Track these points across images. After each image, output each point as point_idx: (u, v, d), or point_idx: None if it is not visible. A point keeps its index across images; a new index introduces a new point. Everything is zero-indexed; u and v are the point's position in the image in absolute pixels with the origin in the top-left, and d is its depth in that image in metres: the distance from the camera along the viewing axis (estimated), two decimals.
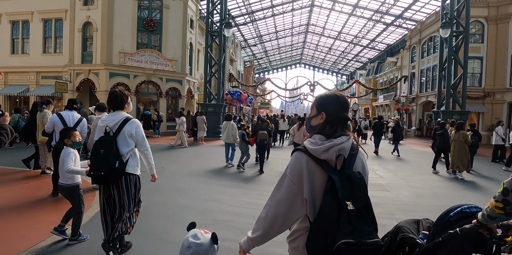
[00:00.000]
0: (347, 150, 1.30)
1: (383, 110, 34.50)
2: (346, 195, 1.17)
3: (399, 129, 13.21)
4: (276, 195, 1.33)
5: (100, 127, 2.95)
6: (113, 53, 16.82)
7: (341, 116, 1.38)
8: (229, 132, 8.46)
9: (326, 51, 49.22)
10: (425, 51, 25.59)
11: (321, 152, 1.26)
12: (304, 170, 1.27)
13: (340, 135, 1.33)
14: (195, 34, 21.53)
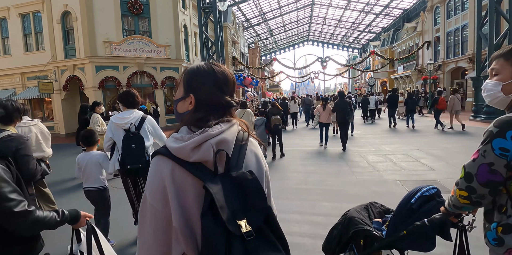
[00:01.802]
0: (230, 143, 0.92)
1: (404, 82, 31.57)
2: (235, 211, 0.80)
3: (411, 101, 13.01)
4: (142, 232, 0.91)
5: (117, 124, 3.14)
6: (97, 44, 14.93)
7: (218, 100, 0.96)
8: (248, 120, 7.75)
9: (335, 24, 45.69)
10: (451, 10, 22.42)
11: (190, 151, 0.86)
12: (168, 184, 0.87)
13: (217, 123, 0.93)
14: (189, 15, 19.29)
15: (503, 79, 1.16)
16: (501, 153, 1.04)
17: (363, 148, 8.88)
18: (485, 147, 1.08)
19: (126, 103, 3.29)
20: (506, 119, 1.08)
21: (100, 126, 5.96)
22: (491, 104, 1.24)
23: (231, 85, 1.02)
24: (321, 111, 9.38)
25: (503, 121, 1.08)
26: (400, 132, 11.96)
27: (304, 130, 14.67)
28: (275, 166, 7.17)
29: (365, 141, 10.11)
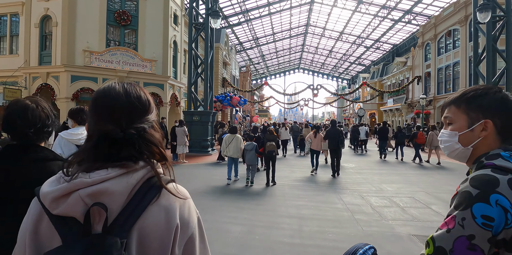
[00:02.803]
0: (117, 195, 0.72)
1: (393, 115, 31.46)
2: None
3: (401, 135, 13.41)
4: None
5: (69, 140, 2.78)
6: (76, 52, 13.77)
7: (99, 130, 0.77)
8: (237, 146, 7.76)
9: (327, 54, 46.56)
10: (443, 48, 22.71)
11: (51, 201, 0.71)
12: (29, 237, 0.73)
13: (101, 167, 0.74)
14: (180, 32, 18.59)
15: (458, 128, 0.99)
16: (484, 222, 0.80)
17: (362, 186, 7.76)
18: (464, 214, 0.83)
19: (79, 120, 3.04)
20: (486, 178, 0.85)
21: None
22: (450, 157, 1.06)
23: (116, 110, 0.77)
24: (312, 139, 9.68)
25: (483, 180, 0.85)
26: (395, 166, 11.33)
27: (293, 158, 13.58)
28: (263, 204, 5.91)
29: (362, 177, 9.02)
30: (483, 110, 0.96)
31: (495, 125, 0.94)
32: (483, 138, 0.96)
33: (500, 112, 0.95)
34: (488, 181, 0.85)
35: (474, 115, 0.97)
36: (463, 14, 19.49)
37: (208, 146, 14.03)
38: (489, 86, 1.01)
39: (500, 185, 0.83)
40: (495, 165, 0.88)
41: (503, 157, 0.89)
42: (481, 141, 0.96)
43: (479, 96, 0.97)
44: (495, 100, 0.96)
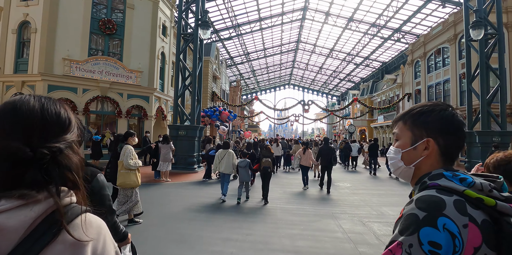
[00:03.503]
0: (10, 232, 0.61)
1: (384, 132, 31.25)
2: None
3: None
4: None
5: None
6: (54, 60, 12.96)
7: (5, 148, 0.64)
8: (229, 162, 7.68)
9: (317, 70, 46.89)
10: (432, 65, 22.83)
11: None
12: None
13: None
14: (169, 43, 18.07)
15: (402, 145, 0.95)
16: (431, 250, 0.74)
17: (361, 210, 7.01)
18: (410, 240, 0.76)
19: None
20: (432, 199, 0.79)
21: (133, 159, 5.06)
22: (396, 175, 1.07)
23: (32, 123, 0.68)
24: (301, 155, 10.03)
25: (430, 202, 0.79)
26: (392, 186, 10.67)
27: (284, 175, 12.81)
28: (253, 233, 5.07)
29: (360, 199, 8.28)
30: (427, 128, 0.91)
31: (438, 145, 0.89)
32: (426, 158, 0.91)
33: (443, 131, 0.89)
34: (435, 203, 0.78)
35: (418, 133, 0.92)
36: (452, 32, 19.69)
37: (194, 162, 13.14)
38: (438, 102, 0.95)
39: (447, 207, 0.77)
40: (440, 186, 0.83)
41: (446, 177, 0.84)
42: (424, 161, 0.91)
43: (424, 113, 0.92)
44: (440, 118, 0.90)
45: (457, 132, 0.90)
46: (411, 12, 24.66)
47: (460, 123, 0.91)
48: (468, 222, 0.76)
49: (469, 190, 0.80)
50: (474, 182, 0.81)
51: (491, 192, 0.80)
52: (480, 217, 0.77)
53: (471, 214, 0.77)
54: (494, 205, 0.77)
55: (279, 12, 28.38)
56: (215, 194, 8.17)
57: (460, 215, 0.76)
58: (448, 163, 0.91)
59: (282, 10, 28.13)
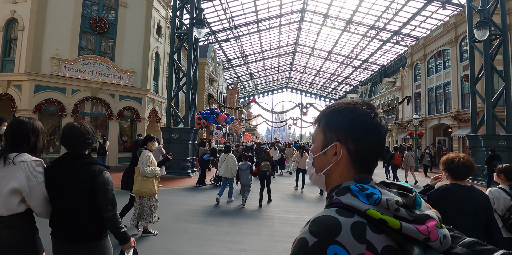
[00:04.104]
0: None
1: None
2: None
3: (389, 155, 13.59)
4: None
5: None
6: (42, 59, 12.38)
7: None
8: (228, 166, 7.72)
9: (315, 73, 46.57)
10: (433, 68, 22.47)
11: None
12: None
13: None
14: (164, 44, 17.56)
15: (313, 149, 0.85)
16: None
17: None
18: None
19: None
20: (328, 221, 0.67)
21: (150, 166, 4.75)
22: (312, 183, 0.92)
23: None
24: (299, 158, 10.46)
25: (324, 226, 0.67)
26: None
27: (279, 178, 12.26)
28: (246, 249, 4.50)
29: None
30: (337, 130, 0.79)
31: (348, 150, 0.78)
32: (335, 165, 0.79)
33: (354, 134, 0.77)
34: (329, 227, 0.67)
35: (329, 135, 0.80)
36: (453, 34, 19.35)
37: (188, 167, 12.57)
38: (354, 100, 0.82)
39: (342, 232, 0.65)
40: (342, 204, 0.71)
41: (352, 191, 0.72)
42: (333, 168, 0.80)
43: (337, 112, 0.80)
44: (351, 119, 0.78)
45: (370, 135, 0.77)
46: (410, 14, 24.38)
47: (375, 124, 0.77)
48: (365, 251, 0.64)
49: (373, 209, 0.66)
50: (380, 199, 0.67)
51: (397, 211, 0.66)
52: (381, 244, 0.65)
53: (370, 241, 0.65)
54: (399, 228, 0.64)
55: (277, 13, 28.04)
56: (207, 201, 7.62)
57: (356, 242, 0.64)
58: (363, 172, 0.78)
59: (280, 11, 27.78)
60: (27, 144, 1.97)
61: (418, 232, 0.64)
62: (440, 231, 0.66)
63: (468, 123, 17.62)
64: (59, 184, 1.95)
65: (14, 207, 1.85)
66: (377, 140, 0.77)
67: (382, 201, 0.67)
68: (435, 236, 0.65)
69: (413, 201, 0.70)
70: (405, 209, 0.67)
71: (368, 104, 0.81)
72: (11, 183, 1.83)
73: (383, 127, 0.78)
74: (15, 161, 1.86)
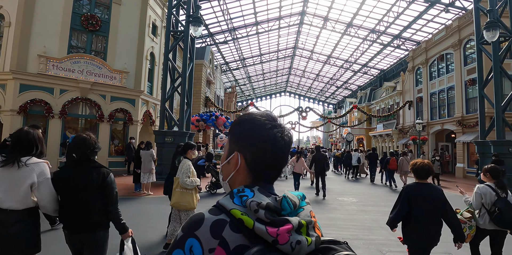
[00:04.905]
0: None
1: (383, 141, 30.23)
2: None
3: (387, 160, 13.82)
4: None
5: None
6: (29, 57, 11.71)
7: None
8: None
9: (314, 77, 46.13)
10: (435, 72, 22.00)
11: None
12: None
13: None
14: (159, 44, 16.94)
15: (222, 158, 0.89)
16: None
17: (376, 234, 5.80)
18: None
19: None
20: (195, 217, 0.75)
21: (190, 177, 4.32)
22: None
23: None
24: (294, 163, 10.59)
25: (192, 220, 0.75)
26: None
27: (277, 184, 11.58)
28: None
29: (371, 219, 7.06)
30: (237, 140, 0.84)
31: (246, 160, 0.81)
32: (236, 173, 0.83)
33: (250, 144, 0.81)
34: (194, 222, 0.73)
35: (232, 145, 0.85)
36: (456, 38, 18.92)
37: None
38: (260, 112, 0.87)
39: (201, 227, 0.71)
40: (218, 203, 0.77)
41: (232, 193, 0.76)
42: (235, 176, 0.84)
43: (238, 123, 0.86)
44: (250, 130, 0.82)
45: (265, 146, 0.79)
46: (412, 17, 23.99)
47: (271, 136, 0.79)
48: (217, 246, 0.68)
49: (237, 209, 0.71)
50: (246, 201, 0.71)
51: (256, 212, 0.69)
52: (236, 242, 0.68)
53: (224, 237, 0.69)
54: (252, 228, 0.68)
55: (276, 16, 27.59)
56: (198, 210, 6.88)
57: (211, 237, 0.69)
58: (261, 181, 0.81)
59: (279, 14, 27.34)
60: (36, 151, 2.45)
61: (267, 234, 0.65)
62: (295, 237, 0.66)
63: (473, 128, 17.09)
64: (76, 183, 2.38)
65: (29, 201, 2.30)
66: (272, 151, 0.79)
67: (247, 203, 0.70)
68: (284, 239, 0.65)
69: (280, 204, 0.71)
70: (268, 212, 0.68)
71: (270, 116, 0.83)
72: (27, 181, 2.27)
73: (281, 139, 0.79)
74: (27, 163, 2.31)
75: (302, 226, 0.68)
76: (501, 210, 3.29)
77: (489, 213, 3.40)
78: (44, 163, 2.39)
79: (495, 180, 3.56)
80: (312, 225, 0.72)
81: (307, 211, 0.75)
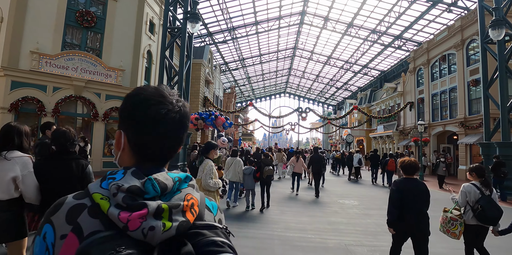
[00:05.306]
0: None
1: (384, 142, 29.90)
2: None
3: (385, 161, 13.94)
4: None
5: None
6: (21, 53, 11.35)
7: None
8: (236, 170, 7.75)
9: (314, 78, 45.85)
10: (437, 73, 21.70)
11: None
12: None
13: None
14: (157, 42, 16.60)
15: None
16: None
17: (380, 239, 5.44)
18: None
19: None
20: (56, 203, 0.72)
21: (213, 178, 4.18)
22: None
23: None
24: (295, 163, 10.86)
25: (52, 206, 0.72)
26: None
27: (274, 183, 11.25)
28: None
29: (374, 222, 6.71)
30: (120, 117, 0.78)
31: (128, 138, 0.76)
32: (122, 153, 0.78)
33: (130, 122, 0.75)
34: (53, 206, 0.70)
35: (119, 123, 0.80)
36: (459, 38, 18.63)
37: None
38: (147, 86, 0.78)
39: (58, 212, 0.67)
40: (87, 187, 0.72)
41: (105, 176, 0.71)
42: (121, 156, 0.79)
43: (124, 99, 0.79)
44: (130, 106, 0.75)
45: (142, 123, 0.73)
46: (413, 17, 23.71)
47: (153, 113, 0.72)
48: (69, 233, 0.64)
49: (99, 193, 0.67)
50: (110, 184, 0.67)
51: (115, 196, 0.64)
52: (92, 228, 0.63)
53: (79, 223, 0.64)
54: (106, 213, 0.63)
55: (276, 15, 27.30)
56: None
57: (66, 223, 0.65)
58: (145, 161, 0.76)
59: (279, 13, 27.05)
60: (13, 144, 2.50)
61: (117, 219, 0.61)
62: (150, 222, 0.60)
63: (476, 130, 16.78)
64: (56, 173, 2.53)
65: (12, 192, 2.45)
66: (153, 130, 0.73)
67: (109, 186, 0.66)
68: (134, 225, 0.60)
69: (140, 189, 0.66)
70: (128, 196, 0.63)
71: (157, 91, 0.76)
72: (10, 174, 2.41)
73: (164, 117, 0.73)
74: (7, 157, 2.43)
75: (163, 211, 0.63)
76: (483, 207, 3.51)
77: (472, 210, 3.62)
78: (28, 157, 2.52)
79: (480, 178, 3.77)
80: (180, 209, 0.65)
81: (183, 194, 0.69)
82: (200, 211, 0.71)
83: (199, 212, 0.70)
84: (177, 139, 0.77)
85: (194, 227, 0.66)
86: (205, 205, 0.77)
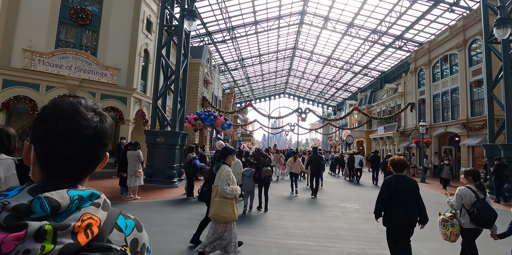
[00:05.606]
0: None
1: (384, 144, 29.60)
2: None
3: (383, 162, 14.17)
4: None
5: None
6: (13, 51, 11.06)
7: None
8: (235, 171, 7.14)
9: (313, 79, 45.58)
10: (438, 73, 21.42)
11: None
12: None
13: None
14: (154, 41, 16.30)
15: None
16: None
17: (384, 247, 5.03)
18: None
19: None
20: None
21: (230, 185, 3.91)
22: None
23: None
24: (292, 163, 10.86)
25: None
26: None
27: (272, 184, 10.94)
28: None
29: (377, 228, 6.38)
30: (31, 130, 0.76)
31: (37, 153, 0.73)
32: (33, 167, 0.75)
33: (39, 137, 0.72)
34: None
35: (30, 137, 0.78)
36: (461, 38, 18.36)
37: (174, 175, 11.20)
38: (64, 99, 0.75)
39: None
40: None
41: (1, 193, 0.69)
42: (33, 171, 0.75)
43: (39, 111, 0.76)
44: (42, 118, 0.72)
45: (49, 137, 0.69)
46: (414, 17, 23.46)
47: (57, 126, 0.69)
48: None
49: None
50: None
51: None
52: None
53: None
54: None
55: (276, 15, 27.03)
56: (192, 219, 6.24)
57: None
58: (52, 176, 0.71)
59: (279, 13, 26.78)
60: (3, 146, 2.52)
61: None
62: (27, 245, 0.57)
63: (479, 131, 16.50)
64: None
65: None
66: (62, 146, 0.69)
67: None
68: (8, 248, 0.57)
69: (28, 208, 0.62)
70: (14, 215, 0.60)
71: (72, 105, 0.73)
72: None
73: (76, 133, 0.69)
74: None
75: (45, 233, 0.59)
76: (479, 210, 3.56)
77: (468, 213, 3.67)
78: (11, 159, 2.51)
79: (475, 182, 3.82)
80: (68, 230, 0.61)
81: (79, 214, 0.65)
82: (101, 231, 0.66)
83: (99, 232, 0.65)
84: (91, 156, 0.72)
85: (88, 249, 0.61)
86: (114, 224, 0.71)
